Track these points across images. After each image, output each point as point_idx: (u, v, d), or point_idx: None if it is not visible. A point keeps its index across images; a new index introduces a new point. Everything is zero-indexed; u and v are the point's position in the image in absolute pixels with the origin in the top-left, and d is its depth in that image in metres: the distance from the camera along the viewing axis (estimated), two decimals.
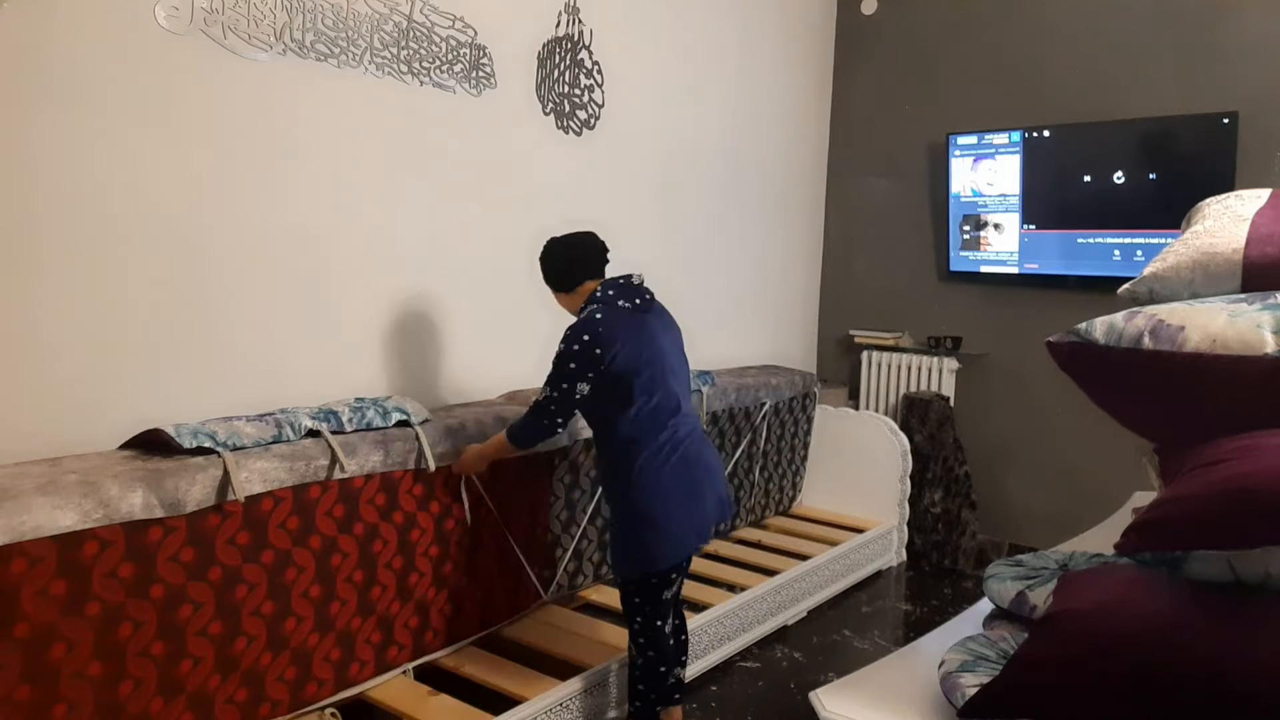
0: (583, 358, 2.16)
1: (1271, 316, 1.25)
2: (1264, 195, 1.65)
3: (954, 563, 4.00)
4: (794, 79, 4.53)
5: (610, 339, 2.16)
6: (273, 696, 2.11)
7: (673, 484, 2.22)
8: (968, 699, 1.26)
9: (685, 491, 2.24)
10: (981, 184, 4.19)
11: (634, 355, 2.19)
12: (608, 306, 2.23)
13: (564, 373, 2.18)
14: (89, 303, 2.09)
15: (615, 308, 2.24)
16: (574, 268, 2.34)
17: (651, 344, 2.24)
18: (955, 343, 4.33)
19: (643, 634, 2.28)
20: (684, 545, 2.25)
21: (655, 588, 2.25)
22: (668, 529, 2.20)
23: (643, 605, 2.27)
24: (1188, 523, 1.15)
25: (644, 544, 2.20)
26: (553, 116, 3.24)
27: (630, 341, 2.19)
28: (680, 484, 2.24)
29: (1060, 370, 1.46)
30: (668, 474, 2.22)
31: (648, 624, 2.27)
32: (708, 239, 4.05)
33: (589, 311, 2.23)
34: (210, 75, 2.27)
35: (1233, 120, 3.52)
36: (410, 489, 2.40)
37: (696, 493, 2.26)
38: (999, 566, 1.58)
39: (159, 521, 1.87)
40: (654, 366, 2.23)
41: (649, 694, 2.31)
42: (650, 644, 2.29)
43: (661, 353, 2.26)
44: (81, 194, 2.06)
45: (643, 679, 2.31)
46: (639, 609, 2.28)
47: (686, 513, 2.24)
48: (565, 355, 2.18)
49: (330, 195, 2.57)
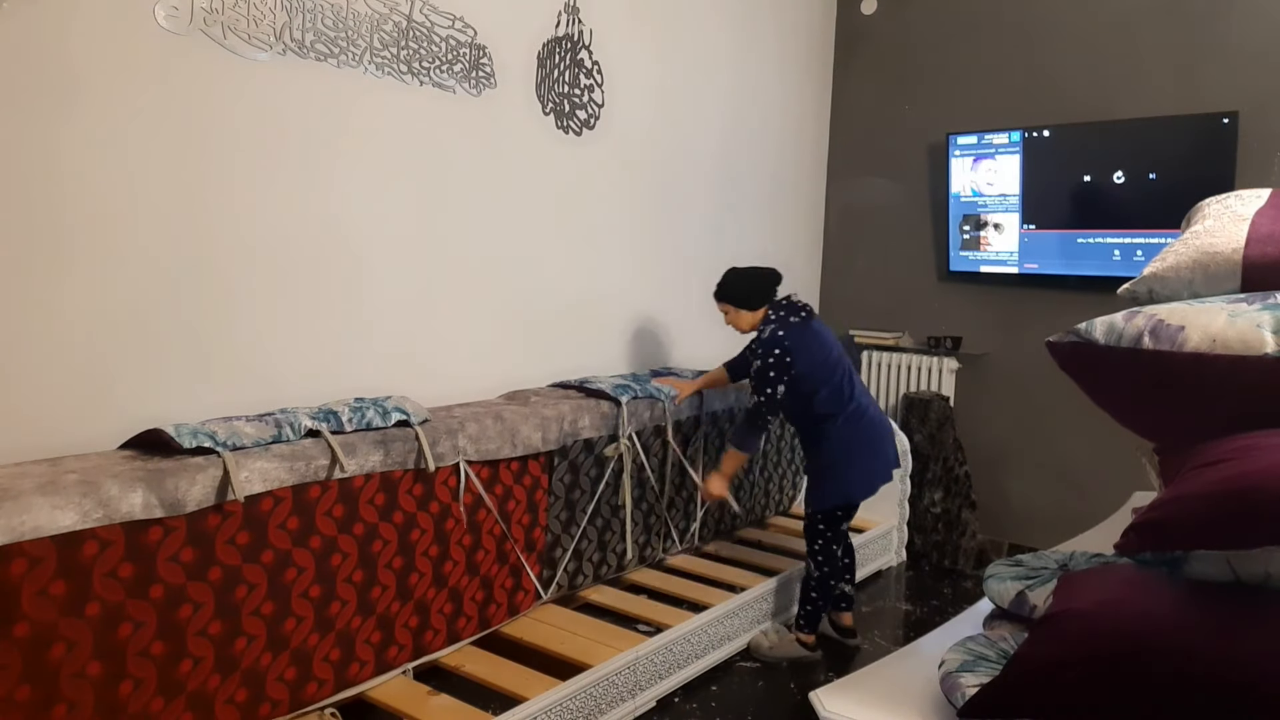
0: (779, 366, 2.85)
1: (1271, 316, 1.25)
2: (1264, 195, 1.65)
3: (954, 563, 4.00)
4: (793, 79, 4.53)
5: (794, 348, 2.86)
6: (273, 696, 2.11)
7: (859, 442, 2.96)
8: (968, 699, 1.25)
9: (867, 448, 2.99)
10: (981, 184, 4.19)
11: (812, 356, 2.90)
12: (784, 323, 2.92)
13: (766, 379, 2.86)
14: (88, 302, 2.09)
15: (789, 324, 2.92)
16: (761, 293, 3.01)
17: (821, 345, 2.94)
18: (955, 343, 4.33)
19: (821, 553, 3.00)
20: (866, 487, 2.99)
21: (839, 518, 3.00)
22: (855, 473, 2.97)
23: (825, 531, 2.99)
24: (1188, 523, 1.15)
25: (838, 483, 2.96)
26: (553, 116, 3.23)
27: (806, 347, 2.89)
28: (864, 442, 2.98)
29: (1060, 370, 1.46)
30: (856, 435, 2.95)
31: (826, 546, 3.00)
32: (707, 238, 4.05)
33: (771, 330, 2.91)
34: (210, 75, 2.27)
35: (1233, 120, 3.52)
36: (410, 489, 2.40)
37: (876, 450, 3.02)
38: (999, 566, 1.58)
39: (159, 521, 1.87)
40: (828, 361, 2.93)
41: (820, 600, 3.01)
42: (826, 561, 3.00)
43: (828, 348, 2.95)
44: (80, 194, 2.06)
45: (817, 588, 3.01)
46: (821, 534, 3.00)
47: (868, 463, 2.99)
48: (765, 368, 2.87)
49: (330, 195, 2.57)
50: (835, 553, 3.00)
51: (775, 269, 3.05)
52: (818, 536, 3.00)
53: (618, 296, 3.63)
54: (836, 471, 2.96)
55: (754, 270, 3.04)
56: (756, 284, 3.01)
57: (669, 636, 2.70)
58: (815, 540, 3.01)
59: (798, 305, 2.99)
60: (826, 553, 2.99)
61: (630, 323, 3.70)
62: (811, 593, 3.01)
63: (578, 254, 3.41)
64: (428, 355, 2.89)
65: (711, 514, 3.61)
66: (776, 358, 2.85)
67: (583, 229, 3.41)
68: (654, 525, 3.31)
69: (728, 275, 3.06)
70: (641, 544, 3.26)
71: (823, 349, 2.93)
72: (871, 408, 3.04)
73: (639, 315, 3.74)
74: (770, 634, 3.07)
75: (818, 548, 3.00)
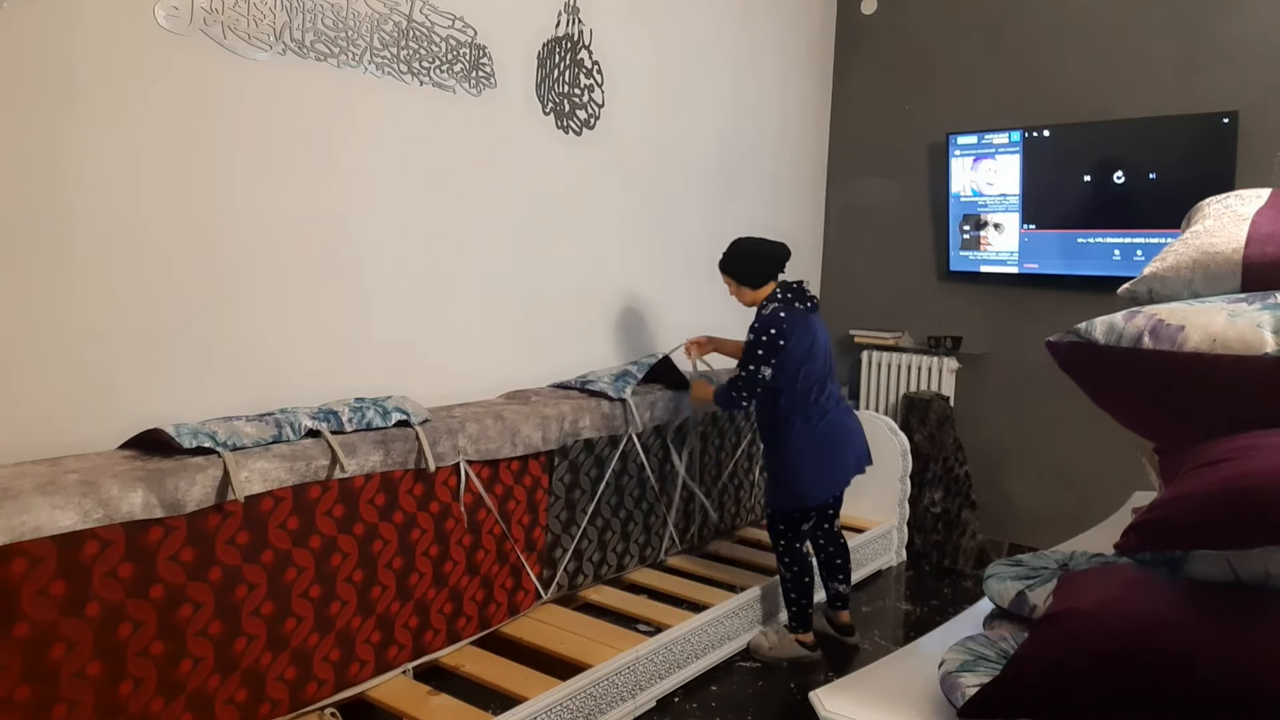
0: (770, 346, 2.78)
1: (1271, 316, 1.25)
2: (1264, 195, 1.65)
3: (954, 563, 4.00)
4: (793, 79, 4.53)
5: (790, 333, 2.79)
6: (273, 696, 2.11)
7: (816, 446, 2.88)
8: (968, 699, 1.26)
9: (824, 451, 2.90)
10: (981, 184, 4.19)
11: (800, 347, 2.82)
12: (788, 306, 2.84)
13: (754, 356, 2.79)
14: (89, 302, 2.09)
15: (793, 308, 2.85)
16: (766, 270, 2.92)
17: (812, 344, 2.86)
18: (955, 342, 4.33)
19: (786, 554, 2.97)
20: (820, 491, 2.92)
21: (796, 520, 2.95)
22: (809, 479, 2.89)
23: (786, 531, 2.96)
24: (1188, 523, 1.15)
25: (791, 486, 2.90)
26: (552, 116, 3.23)
27: (801, 338, 2.82)
28: (822, 446, 2.89)
29: (1060, 370, 1.46)
30: (814, 438, 2.87)
31: (789, 546, 2.96)
32: (707, 238, 4.04)
33: (773, 309, 2.82)
34: (210, 75, 2.27)
35: (1233, 120, 3.51)
36: (410, 489, 2.40)
37: (834, 454, 2.93)
38: (999, 566, 1.58)
39: (159, 521, 1.87)
40: (811, 359, 2.85)
41: (800, 599, 2.98)
42: (793, 561, 2.96)
43: (816, 349, 2.88)
44: (80, 194, 2.06)
45: (793, 588, 2.98)
46: (782, 534, 2.97)
47: (827, 467, 2.92)
48: (756, 344, 2.79)
49: (330, 195, 2.57)
50: (799, 550, 2.97)
51: (784, 244, 2.96)
52: (779, 537, 2.98)
53: (618, 296, 3.63)
54: (790, 474, 2.90)
55: (761, 245, 2.93)
56: (762, 262, 2.91)
57: (669, 636, 2.70)
58: (777, 541, 2.99)
59: (806, 294, 2.92)
60: (791, 552, 2.96)
61: (630, 322, 3.70)
62: (790, 593, 2.99)
63: (578, 253, 3.40)
64: (428, 355, 2.89)
65: (705, 516, 3.61)
66: (770, 337, 2.77)
67: (583, 229, 3.41)
68: (654, 525, 3.31)
69: (733, 246, 2.96)
70: (641, 544, 3.27)
71: (811, 348, 2.85)
72: (834, 410, 2.94)
73: (639, 315, 3.74)
74: (770, 635, 3.05)
75: (781, 547, 2.98)
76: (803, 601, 2.98)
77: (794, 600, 2.98)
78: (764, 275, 2.92)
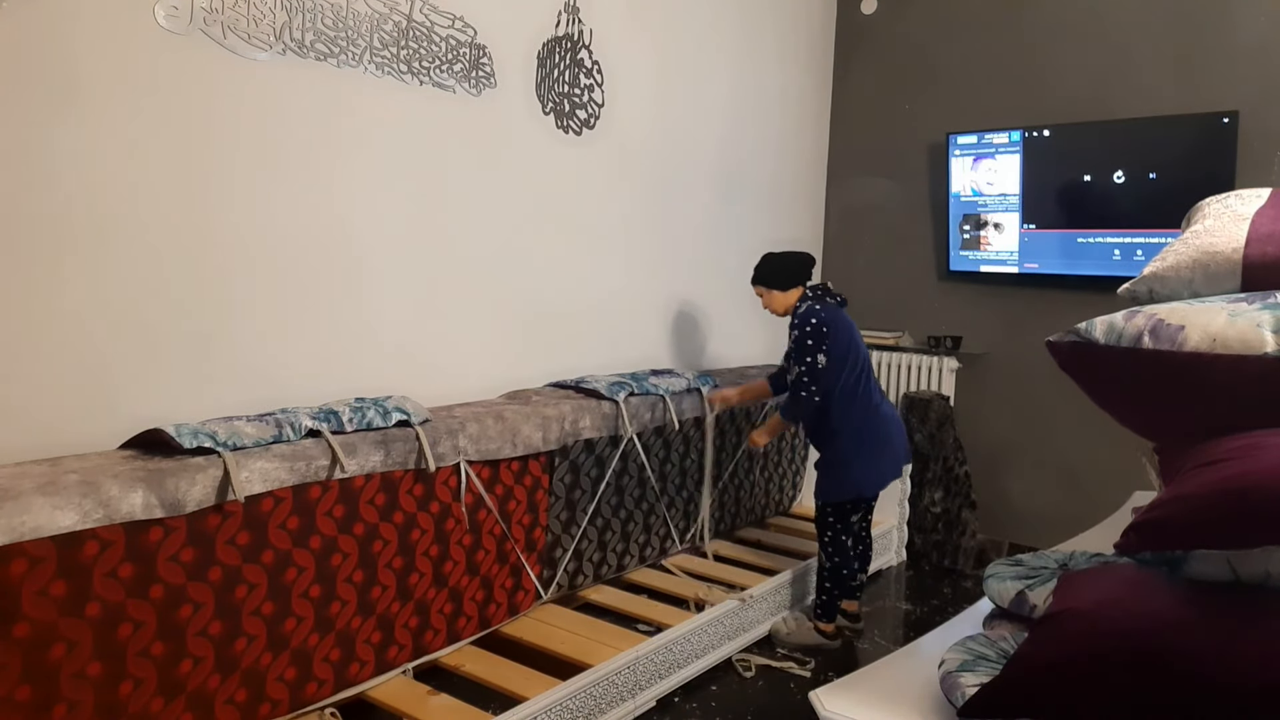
0: (816, 335, 2.93)
1: (1271, 316, 1.25)
2: (1264, 195, 1.65)
3: (954, 562, 4.00)
4: (793, 78, 4.53)
5: (829, 322, 2.96)
6: (273, 696, 2.11)
7: (869, 438, 3.02)
8: (968, 699, 1.25)
9: (878, 443, 3.04)
10: (981, 183, 4.19)
11: (841, 338, 2.98)
12: (820, 300, 3.03)
13: (805, 349, 2.94)
14: (88, 302, 2.09)
15: (825, 302, 3.02)
16: (794, 273, 3.11)
17: (849, 331, 3.04)
18: (955, 342, 4.33)
19: (831, 545, 3.07)
20: (875, 482, 3.07)
21: (848, 511, 3.07)
22: (865, 468, 3.03)
23: (835, 523, 3.06)
24: (1188, 522, 1.15)
25: (847, 477, 3.03)
26: (552, 116, 3.23)
27: (839, 328, 2.99)
28: (875, 437, 3.03)
29: (1060, 370, 1.46)
30: (867, 430, 3.02)
31: (835, 537, 3.07)
32: (707, 238, 4.05)
33: (808, 305, 3.00)
34: (210, 75, 2.27)
35: (1233, 120, 3.51)
36: (410, 489, 2.40)
37: (886, 446, 3.07)
38: (999, 566, 1.58)
39: (159, 521, 1.87)
40: (852, 348, 3.01)
41: (834, 589, 3.08)
42: (836, 552, 3.07)
43: (853, 338, 3.04)
44: (80, 194, 2.06)
45: (830, 578, 3.08)
46: (831, 526, 3.07)
47: (878, 458, 3.05)
48: (803, 337, 2.94)
49: (330, 195, 2.57)
50: (845, 544, 3.08)
51: (809, 253, 3.18)
52: (827, 529, 3.08)
53: (618, 296, 3.62)
54: (846, 465, 3.03)
55: (788, 254, 3.15)
56: (790, 265, 3.11)
57: (669, 636, 2.70)
58: (825, 532, 3.09)
59: (833, 291, 3.11)
60: (836, 544, 3.07)
61: (630, 322, 3.70)
62: (825, 583, 3.08)
63: (578, 253, 3.40)
64: (428, 355, 2.89)
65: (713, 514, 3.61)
66: (814, 326, 2.93)
67: (583, 228, 3.41)
68: (654, 525, 3.31)
69: (763, 259, 3.15)
70: (641, 544, 3.27)
71: (850, 338, 3.02)
72: (884, 404, 3.11)
73: (639, 314, 3.74)
74: (790, 620, 3.14)
75: (828, 539, 3.08)
76: (835, 592, 3.08)
77: (827, 590, 3.08)
78: (793, 278, 3.10)
